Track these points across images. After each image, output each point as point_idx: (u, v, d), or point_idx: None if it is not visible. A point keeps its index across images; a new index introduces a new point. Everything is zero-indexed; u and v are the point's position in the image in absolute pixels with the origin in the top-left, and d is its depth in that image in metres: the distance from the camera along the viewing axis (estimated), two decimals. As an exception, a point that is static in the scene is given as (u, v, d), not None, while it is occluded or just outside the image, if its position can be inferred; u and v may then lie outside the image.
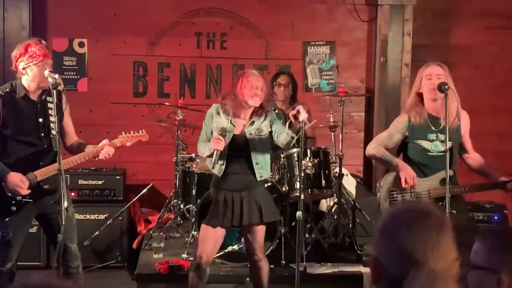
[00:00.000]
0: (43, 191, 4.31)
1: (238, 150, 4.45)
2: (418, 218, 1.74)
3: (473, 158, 4.70)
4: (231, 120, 4.45)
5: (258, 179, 4.48)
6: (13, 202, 4.22)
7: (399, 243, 1.70)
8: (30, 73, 4.23)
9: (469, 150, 4.70)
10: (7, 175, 4.16)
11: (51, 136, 4.31)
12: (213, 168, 4.48)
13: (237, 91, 4.41)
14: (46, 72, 4.14)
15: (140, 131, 4.68)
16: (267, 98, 4.58)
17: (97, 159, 4.44)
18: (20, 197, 4.21)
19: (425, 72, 4.49)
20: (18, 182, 4.16)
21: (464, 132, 4.62)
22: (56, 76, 4.13)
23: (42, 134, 4.33)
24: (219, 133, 4.34)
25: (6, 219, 4.24)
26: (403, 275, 1.69)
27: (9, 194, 4.19)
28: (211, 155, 4.39)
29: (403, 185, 4.40)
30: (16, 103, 4.29)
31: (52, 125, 4.30)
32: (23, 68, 4.24)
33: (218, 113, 4.49)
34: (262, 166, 4.49)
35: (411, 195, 4.43)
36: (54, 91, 4.10)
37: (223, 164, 4.43)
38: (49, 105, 4.33)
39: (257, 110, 4.48)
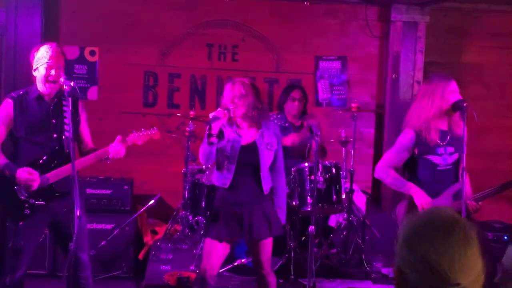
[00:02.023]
0: (56, 194, 4.31)
1: (247, 161, 4.41)
2: (442, 230, 1.68)
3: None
4: (236, 131, 4.45)
5: (265, 192, 4.46)
6: (27, 205, 4.23)
7: (427, 257, 1.65)
8: (38, 74, 4.31)
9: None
10: (16, 172, 4.18)
11: (63, 137, 4.34)
12: (218, 169, 4.44)
13: (221, 101, 4.47)
14: (62, 80, 4.19)
15: (151, 128, 4.67)
16: (251, 104, 4.41)
17: (108, 161, 4.43)
18: (33, 201, 4.22)
19: (449, 87, 4.39)
20: (27, 175, 4.17)
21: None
22: (72, 83, 4.16)
23: (55, 135, 4.34)
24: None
25: (20, 223, 4.25)
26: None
27: (22, 198, 4.21)
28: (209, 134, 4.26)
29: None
30: (28, 105, 4.34)
31: (67, 127, 4.32)
32: (34, 70, 4.34)
33: (223, 125, 4.44)
34: (267, 179, 4.47)
35: None
36: (70, 98, 4.12)
37: (230, 171, 4.38)
38: (64, 107, 4.35)
39: (254, 118, 4.44)
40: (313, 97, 7.11)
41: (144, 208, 6.35)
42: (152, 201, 6.36)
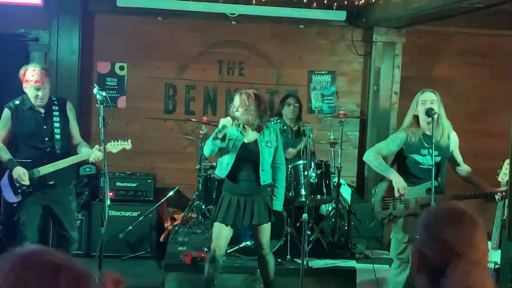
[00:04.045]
0: (46, 185, 4.59)
1: (248, 156, 4.55)
2: (457, 216, 1.80)
3: (464, 169, 4.79)
4: (241, 131, 4.59)
5: (262, 183, 4.57)
6: (19, 190, 4.57)
7: (443, 237, 1.76)
8: (28, 93, 4.57)
9: (459, 163, 4.78)
10: (14, 167, 4.50)
11: (54, 140, 4.60)
12: (221, 168, 4.60)
13: (230, 108, 4.69)
14: (95, 90, 4.35)
15: (126, 140, 4.79)
16: (253, 112, 4.53)
17: (91, 162, 4.68)
18: (24, 187, 4.52)
19: (420, 98, 4.56)
20: (21, 174, 4.49)
21: (453, 148, 4.72)
22: (104, 93, 4.32)
23: (46, 139, 4.60)
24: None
25: (17, 197, 4.57)
26: (445, 264, 1.74)
27: (17, 185, 4.54)
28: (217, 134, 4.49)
29: (396, 194, 4.50)
30: (23, 114, 4.60)
31: (57, 130, 4.60)
32: (24, 87, 4.59)
33: (230, 125, 4.57)
34: (266, 173, 4.58)
35: (401, 202, 4.54)
36: (102, 106, 4.27)
37: (230, 165, 4.53)
38: (54, 113, 4.63)
39: (255, 125, 4.56)
40: (307, 106, 7.19)
41: (164, 198, 6.45)
42: (171, 193, 6.47)
